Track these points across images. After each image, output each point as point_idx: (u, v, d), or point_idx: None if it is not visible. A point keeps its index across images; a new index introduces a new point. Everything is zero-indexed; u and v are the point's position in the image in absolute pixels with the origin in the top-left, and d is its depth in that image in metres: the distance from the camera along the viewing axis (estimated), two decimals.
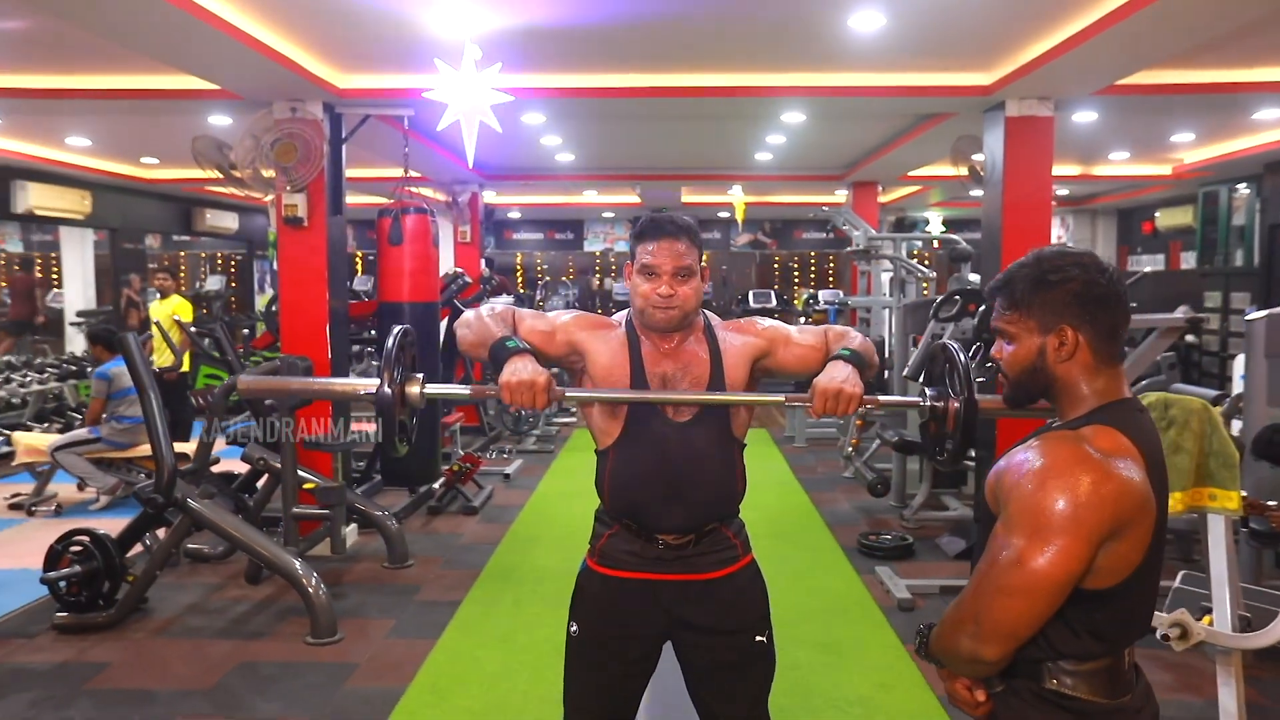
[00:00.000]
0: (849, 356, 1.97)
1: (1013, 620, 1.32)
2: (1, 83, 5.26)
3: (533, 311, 2.12)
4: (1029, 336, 1.43)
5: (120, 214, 9.95)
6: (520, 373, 1.86)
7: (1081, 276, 1.40)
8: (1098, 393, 1.42)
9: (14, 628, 4.16)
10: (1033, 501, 1.29)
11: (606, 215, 14.90)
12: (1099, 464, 1.30)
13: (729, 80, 5.30)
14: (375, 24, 4.22)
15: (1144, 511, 1.33)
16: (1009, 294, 1.45)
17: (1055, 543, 1.27)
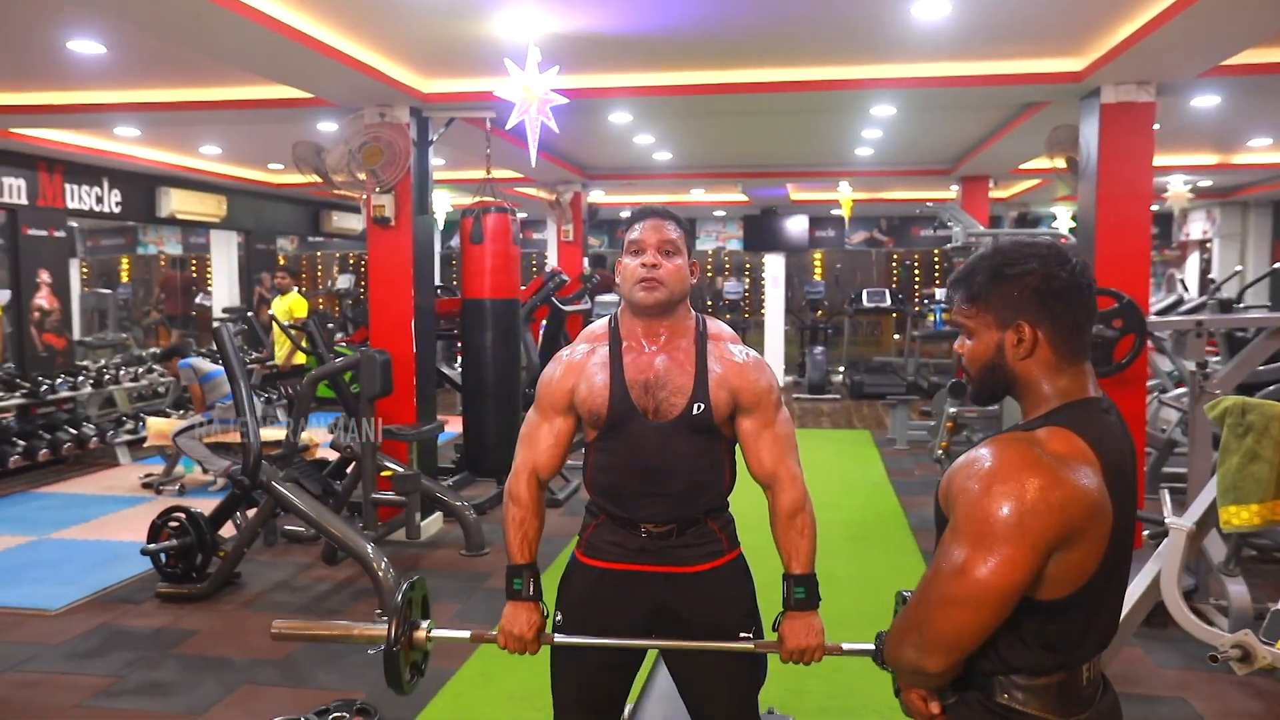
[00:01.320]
0: (803, 599, 2.00)
1: (956, 631, 1.27)
2: (138, 97, 5.74)
3: (531, 431, 2.12)
4: (987, 332, 1.37)
5: (254, 216, 10.67)
6: (512, 626, 2.02)
7: (1040, 270, 1.33)
8: (1059, 392, 1.35)
9: (125, 594, 4.55)
10: (977, 507, 1.24)
11: (718, 214, 14.86)
12: (1047, 468, 1.23)
13: (804, 75, 5.23)
14: (451, 30, 4.39)
15: (1096, 520, 1.25)
16: (968, 287, 1.39)
17: (999, 551, 1.21)
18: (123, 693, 3.50)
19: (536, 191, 9.82)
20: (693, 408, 1.99)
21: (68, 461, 7.40)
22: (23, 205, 7.48)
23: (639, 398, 2.00)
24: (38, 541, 5.47)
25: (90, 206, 8.21)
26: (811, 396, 12.17)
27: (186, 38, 4.22)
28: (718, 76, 5.36)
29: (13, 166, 7.35)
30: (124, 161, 8.15)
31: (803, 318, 13.79)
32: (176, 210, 9.06)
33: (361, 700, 3.34)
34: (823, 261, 15.98)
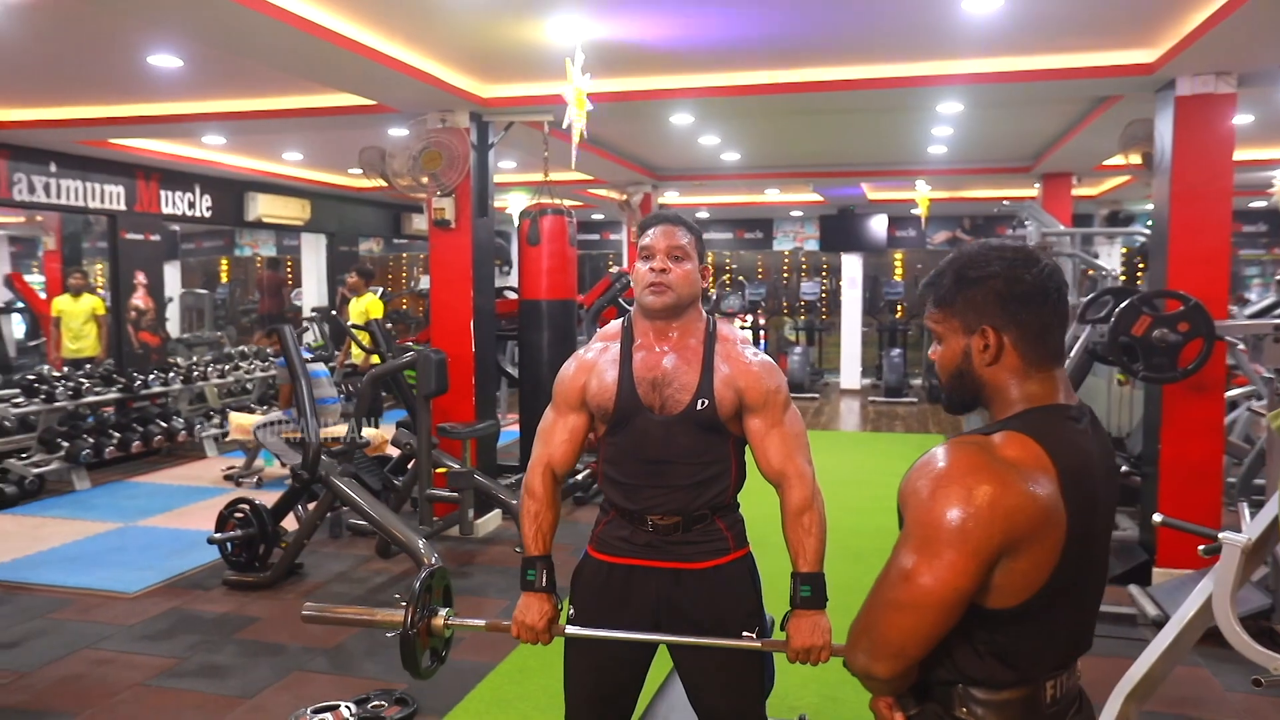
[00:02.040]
0: (809, 598, 1.98)
1: (901, 637, 1.24)
2: (217, 107, 6.03)
3: (547, 427, 2.17)
4: (954, 337, 1.34)
5: (337, 219, 11.06)
6: (525, 616, 2.09)
7: (1003, 273, 1.29)
8: (1025, 398, 1.31)
9: (196, 580, 4.79)
10: (923, 510, 1.22)
11: (795, 214, 14.69)
12: (995, 474, 1.20)
13: (863, 73, 5.15)
14: (508, 37, 4.47)
15: (1046, 528, 1.21)
16: (935, 291, 1.36)
17: (943, 556, 1.19)
18: (183, 674, 3.69)
19: (607, 193, 9.89)
20: (697, 403, 2.03)
21: (159, 453, 7.80)
22: (122, 211, 7.92)
23: (646, 393, 2.05)
24: (125, 528, 5.80)
25: (183, 211, 8.64)
26: (887, 400, 11.94)
27: (255, 52, 4.44)
28: (775, 77, 5.32)
29: (113, 174, 7.79)
30: (214, 168, 8.55)
31: (881, 319, 13.54)
32: (263, 214, 9.47)
33: (401, 691, 3.45)
34: (903, 262, 15.64)
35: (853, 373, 13.40)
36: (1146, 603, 4.35)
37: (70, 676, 3.67)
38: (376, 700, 3.36)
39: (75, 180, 7.44)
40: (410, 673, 2.14)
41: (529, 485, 2.16)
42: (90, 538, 5.59)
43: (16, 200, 7.05)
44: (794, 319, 14.22)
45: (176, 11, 3.83)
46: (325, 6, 4.03)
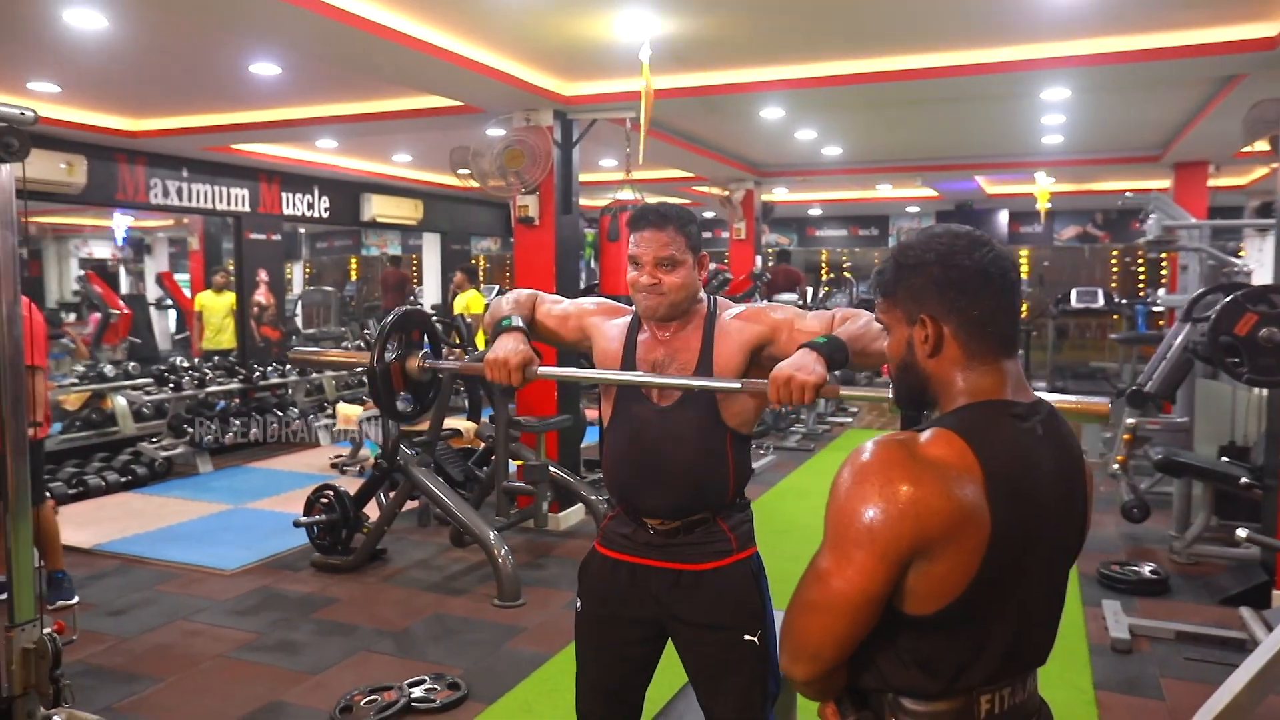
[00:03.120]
0: (821, 345, 1.81)
1: (815, 639, 1.20)
2: (320, 111, 6.34)
3: (555, 297, 2.25)
4: (898, 328, 1.29)
5: (449, 219, 11.43)
6: (498, 350, 2.01)
7: (938, 260, 1.23)
8: (968, 392, 1.24)
9: (288, 561, 5.04)
10: (836, 508, 1.18)
11: (911, 210, 14.22)
12: (911, 473, 1.14)
13: (956, 59, 4.94)
14: (586, 34, 4.51)
15: (963, 533, 1.13)
16: (879, 281, 1.32)
17: (851, 557, 1.15)
18: (260, 648, 3.90)
19: (709, 189, 9.84)
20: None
21: (277, 441, 8.26)
22: (246, 212, 8.44)
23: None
24: (234, 510, 6.17)
25: (303, 212, 9.12)
26: None
27: (344, 61, 4.66)
28: (864, 66, 5.17)
29: (238, 178, 8.31)
30: (330, 171, 9.00)
31: None
32: (377, 214, 9.89)
33: (455, 676, 3.54)
34: (1029, 259, 14.89)
35: None
36: (1258, 626, 3.98)
37: (163, 645, 3.94)
38: (430, 684, 3.45)
39: (204, 184, 7.98)
40: (381, 407, 2.17)
41: (523, 296, 2.21)
42: (204, 517, 5.97)
43: (153, 204, 7.61)
44: None
45: (272, 26, 4.06)
46: (405, 13, 4.17)
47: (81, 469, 6.65)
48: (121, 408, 7.31)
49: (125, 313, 11.00)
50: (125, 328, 11.01)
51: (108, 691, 3.49)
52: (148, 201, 7.54)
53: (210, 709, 3.35)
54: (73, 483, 6.40)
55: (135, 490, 6.65)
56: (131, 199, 7.42)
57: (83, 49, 4.73)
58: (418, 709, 3.31)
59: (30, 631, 2.92)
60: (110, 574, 4.87)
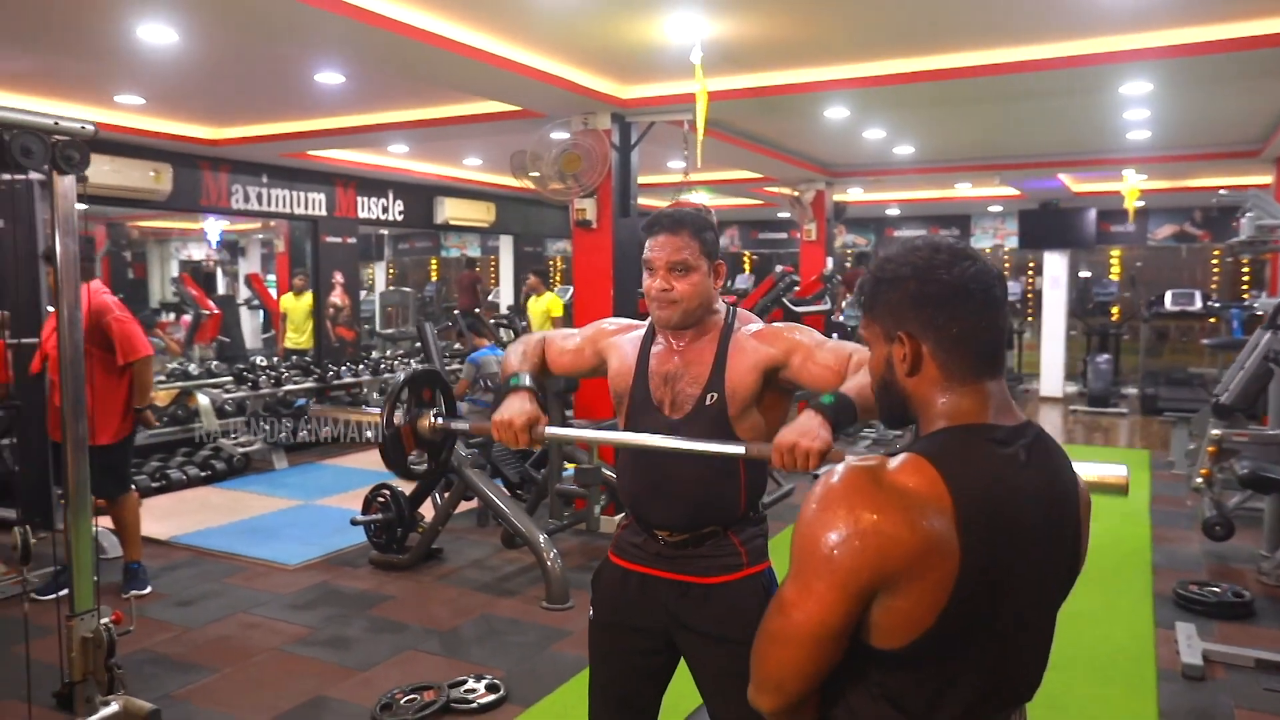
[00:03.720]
0: (827, 406, 1.73)
1: (778, 671, 1.16)
2: (388, 118, 6.49)
3: (564, 332, 2.23)
4: (877, 345, 1.25)
5: (521, 221, 11.57)
6: (504, 412, 2.01)
7: (915, 274, 1.18)
8: (947, 414, 1.18)
9: (348, 558, 5.17)
10: (799, 535, 1.13)
11: (993, 209, 13.76)
12: (874, 501, 1.08)
13: (1024, 55, 4.76)
14: (635, 39, 4.51)
15: (926, 564, 1.07)
16: (859, 295, 1.28)
17: (812, 588, 1.11)
18: (313, 642, 4.00)
19: (778, 190, 9.72)
20: (706, 397, 1.96)
21: (349, 439, 8.48)
22: (322, 216, 8.71)
23: (657, 389, 2.01)
24: (303, 505, 6.37)
25: (377, 215, 9.36)
26: (1090, 410, 10.95)
27: (407, 69, 4.76)
28: (929, 63, 5.04)
29: (314, 183, 8.57)
30: (404, 175, 9.21)
31: (1090, 321, 12.43)
32: (450, 217, 10.07)
33: (496, 678, 3.56)
34: (1120, 259, 14.27)
35: (1054, 379, 12.38)
36: None
37: (222, 636, 4.08)
38: (471, 684, 3.48)
39: (283, 189, 8.25)
40: (393, 469, 2.18)
41: (527, 341, 2.21)
42: (275, 512, 6.18)
43: (234, 209, 7.92)
44: None
45: (330, 38, 4.19)
46: (460, 21, 4.23)
47: (165, 463, 6.95)
48: (204, 405, 7.61)
49: (215, 313, 11.48)
50: (215, 328, 11.48)
51: (168, 679, 3.63)
52: (229, 207, 7.84)
53: (259, 701, 3.45)
54: (156, 476, 6.69)
55: (214, 485, 6.92)
56: (214, 204, 7.73)
57: (161, 62, 4.94)
58: (456, 709, 3.35)
59: (89, 621, 3.05)
60: (183, 565, 5.07)
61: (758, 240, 16.45)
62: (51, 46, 4.72)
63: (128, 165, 6.79)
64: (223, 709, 3.41)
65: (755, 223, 15.99)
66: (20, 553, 2.91)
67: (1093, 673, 3.73)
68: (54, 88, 5.71)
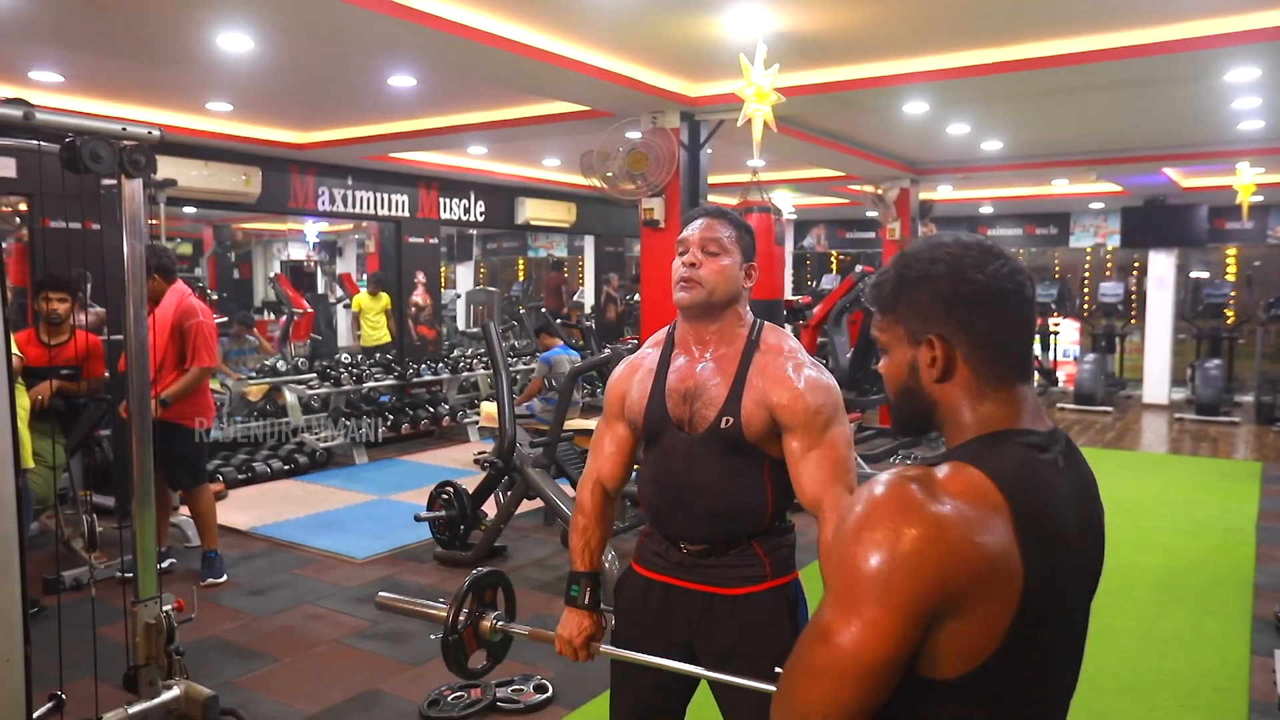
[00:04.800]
0: None
1: (820, 708, 1.02)
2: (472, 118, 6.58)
3: (599, 444, 2.10)
4: (899, 348, 1.14)
5: (602, 221, 11.61)
6: (564, 630, 2.05)
7: (947, 273, 1.09)
8: (981, 420, 1.10)
9: (414, 553, 5.26)
10: (844, 557, 1.01)
11: (1094, 206, 13.13)
12: (930, 515, 0.98)
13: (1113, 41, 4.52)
14: (708, 35, 4.46)
15: (993, 582, 0.97)
16: (877, 294, 1.17)
17: (863, 614, 0.98)
18: (372, 635, 4.07)
19: (861, 188, 9.49)
20: (721, 421, 1.88)
21: (430, 435, 8.66)
22: (405, 217, 8.91)
23: (675, 407, 1.94)
24: (378, 500, 6.52)
25: (459, 216, 9.53)
26: (1198, 418, 10.34)
27: (475, 72, 4.82)
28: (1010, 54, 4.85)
29: (398, 185, 8.78)
30: (485, 176, 9.34)
31: (1200, 325, 11.73)
32: (530, 217, 10.18)
33: (544, 678, 3.55)
34: (1236, 259, 13.43)
35: (1159, 385, 11.75)
36: None
37: (287, 626, 4.19)
38: (518, 684, 3.48)
39: (367, 191, 8.48)
40: (453, 672, 2.19)
41: (579, 499, 2.13)
42: (351, 506, 6.34)
43: (321, 210, 8.17)
44: (1091, 323, 12.76)
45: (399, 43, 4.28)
46: (523, 23, 4.25)
47: (252, 456, 7.22)
48: (291, 401, 7.88)
49: (308, 312, 11.89)
50: (307, 326, 11.89)
51: (231, 666, 3.75)
52: (316, 209, 8.10)
53: (314, 692, 3.52)
54: (243, 469, 6.95)
55: (296, 478, 7.15)
56: (302, 206, 8.00)
57: (244, 69, 5.12)
58: (502, 708, 3.35)
59: (151, 608, 3.17)
60: (259, 556, 5.24)
61: (845, 240, 16.13)
62: (145, 57, 4.95)
63: (219, 169, 7.07)
64: (279, 698, 3.49)
65: (843, 222, 15.68)
66: (88, 540, 3.05)
67: (1174, 699, 3.49)
68: (152, 96, 5.99)
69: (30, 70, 5.21)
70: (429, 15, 3.96)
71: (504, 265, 18.83)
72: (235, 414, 7.55)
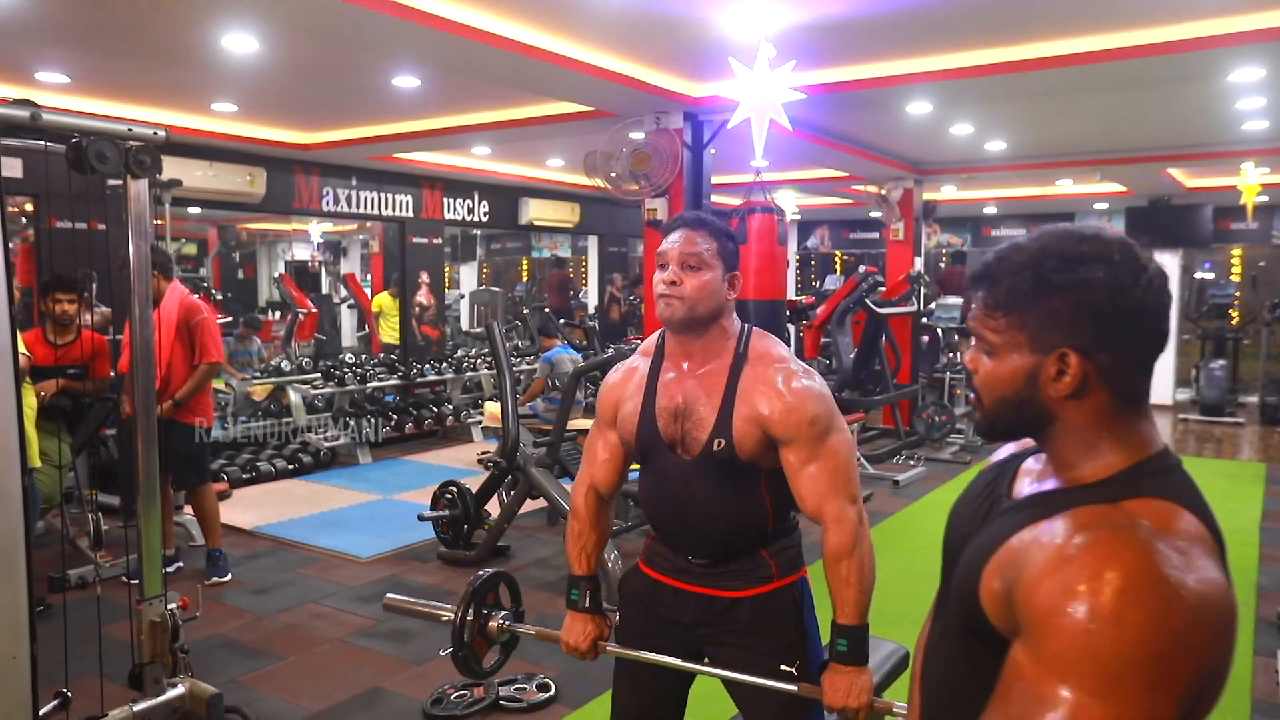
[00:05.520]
0: (845, 653, 1.79)
1: None
2: (476, 119, 6.59)
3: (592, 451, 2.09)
4: (1015, 354, 1.01)
5: (606, 222, 11.62)
6: (568, 635, 2.08)
7: (1106, 281, 0.96)
8: (1123, 444, 0.99)
9: (418, 553, 5.27)
10: (1096, 637, 0.84)
11: (1098, 206, 13.10)
12: (1194, 577, 0.86)
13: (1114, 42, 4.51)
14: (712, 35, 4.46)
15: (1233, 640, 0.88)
16: (991, 288, 1.03)
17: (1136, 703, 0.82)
18: (375, 634, 4.08)
19: (864, 188, 9.49)
20: (713, 443, 1.85)
21: (433, 435, 8.68)
22: (409, 218, 8.93)
23: (666, 426, 1.91)
24: (381, 500, 6.53)
25: (463, 216, 9.54)
26: (1202, 419, 10.34)
27: (478, 72, 4.84)
28: (1013, 54, 4.84)
29: (402, 185, 8.80)
30: (489, 176, 9.36)
31: (1205, 325, 11.71)
32: (534, 218, 10.19)
33: (547, 677, 3.56)
34: (1241, 259, 13.39)
35: (1164, 386, 11.73)
36: None
37: (292, 625, 4.21)
38: (521, 683, 3.49)
39: (371, 191, 8.50)
40: (462, 673, 2.22)
41: (574, 505, 2.13)
42: (354, 505, 6.36)
43: (325, 211, 8.19)
44: None
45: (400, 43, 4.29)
46: (525, 23, 4.26)
47: (256, 456, 7.24)
48: (295, 401, 7.90)
49: (312, 312, 11.90)
50: (312, 326, 11.90)
51: (236, 664, 3.76)
52: (320, 209, 8.12)
53: (318, 690, 3.54)
54: (247, 468, 6.97)
55: (300, 477, 7.17)
56: (307, 207, 8.02)
57: (249, 70, 5.14)
58: (505, 707, 3.37)
59: (156, 606, 3.18)
60: (263, 555, 5.26)
61: (849, 240, 16.12)
62: (150, 58, 4.97)
63: (224, 170, 7.09)
64: (284, 696, 3.51)
65: (846, 222, 15.67)
66: (94, 538, 3.07)
67: None
68: (157, 97, 6.01)
69: (37, 71, 5.23)
70: (434, 16, 3.97)
71: (508, 265, 18.83)
72: (239, 414, 7.58)
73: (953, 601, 1.09)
